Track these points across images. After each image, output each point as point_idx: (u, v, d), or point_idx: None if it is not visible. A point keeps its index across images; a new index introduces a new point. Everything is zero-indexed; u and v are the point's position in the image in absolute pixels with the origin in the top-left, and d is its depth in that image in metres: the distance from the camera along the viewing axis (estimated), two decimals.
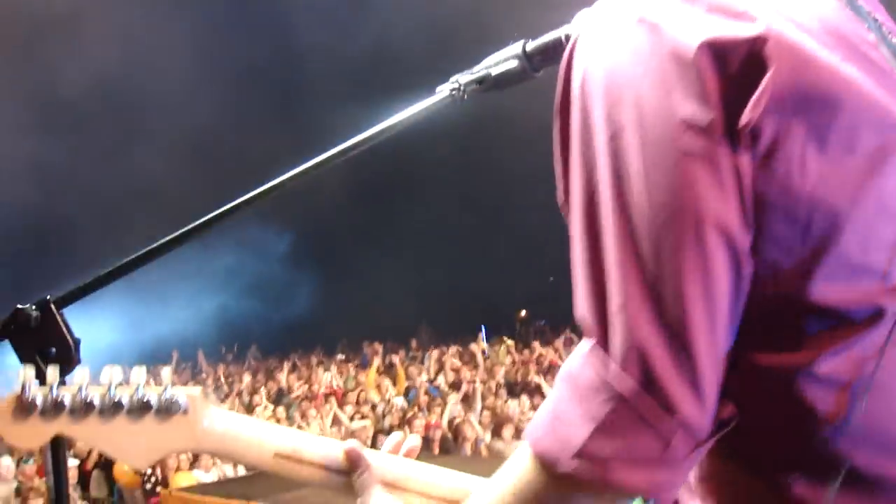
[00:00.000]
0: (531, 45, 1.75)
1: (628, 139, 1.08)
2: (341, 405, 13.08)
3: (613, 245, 1.09)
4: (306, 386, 15.39)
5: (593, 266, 1.12)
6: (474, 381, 13.58)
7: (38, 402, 1.44)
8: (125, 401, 1.44)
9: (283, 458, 1.44)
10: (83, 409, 1.44)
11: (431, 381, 14.85)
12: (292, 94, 21.56)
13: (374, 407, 13.16)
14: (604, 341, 1.10)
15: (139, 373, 1.47)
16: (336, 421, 12.20)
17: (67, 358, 1.73)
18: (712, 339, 1.07)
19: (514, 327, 22.35)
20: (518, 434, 10.31)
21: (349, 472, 1.41)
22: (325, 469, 1.42)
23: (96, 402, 1.44)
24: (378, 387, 14.65)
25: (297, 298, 20.72)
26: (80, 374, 1.49)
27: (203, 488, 8.45)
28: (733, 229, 1.05)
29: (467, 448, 10.88)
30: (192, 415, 1.45)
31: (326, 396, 14.01)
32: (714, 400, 1.08)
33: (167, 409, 1.45)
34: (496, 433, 10.90)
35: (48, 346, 1.76)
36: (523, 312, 24.96)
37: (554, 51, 1.73)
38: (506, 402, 12.80)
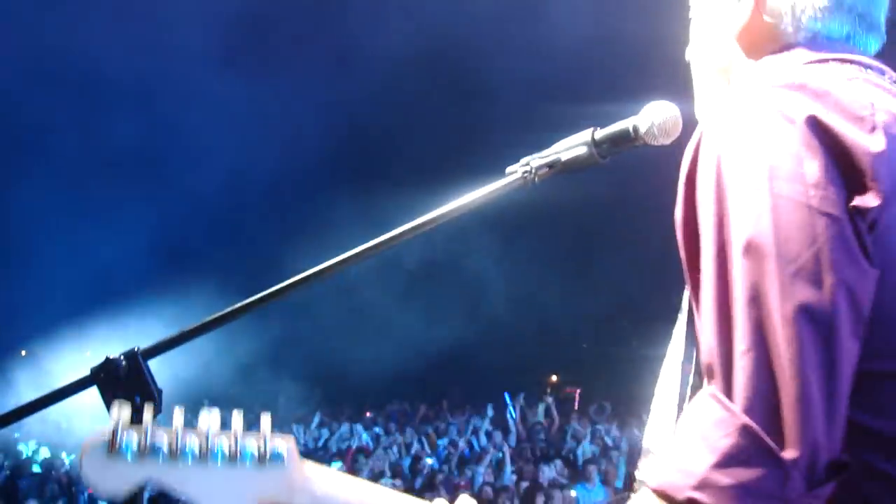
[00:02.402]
0: (600, 133, 1.81)
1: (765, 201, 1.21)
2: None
3: (742, 291, 1.19)
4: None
5: (721, 313, 1.21)
6: (504, 445, 13.46)
7: (131, 444, 1.33)
8: (223, 449, 1.36)
9: None
10: (178, 454, 1.34)
11: (462, 443, 14.73)
12: None
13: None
14: (727, 384, 1.18)
15: (237, 419, 1.39)
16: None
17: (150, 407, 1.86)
18: (832, 386, 1.15)
19: (545, 393, 22.18)
20: (548, 501, 10.19)
21: None
22: None
23: (193, 447, 1.35)
24: (409, 445, 14.58)
25: (331, 356, 20.63)
26: (177, 417, 1.39)
27: None
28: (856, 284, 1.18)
29: None
30: (289, 467, 1.39)
31: (354, 453, 13.96)
32: (830, 445, 1.16)
33: (265, 460, 1.37)
34: (527, 499, 10.77)
35: (133, 394, 1.88)
36: (554, 378, 24.72)
37: (621, 140, 1.81)
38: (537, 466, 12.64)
